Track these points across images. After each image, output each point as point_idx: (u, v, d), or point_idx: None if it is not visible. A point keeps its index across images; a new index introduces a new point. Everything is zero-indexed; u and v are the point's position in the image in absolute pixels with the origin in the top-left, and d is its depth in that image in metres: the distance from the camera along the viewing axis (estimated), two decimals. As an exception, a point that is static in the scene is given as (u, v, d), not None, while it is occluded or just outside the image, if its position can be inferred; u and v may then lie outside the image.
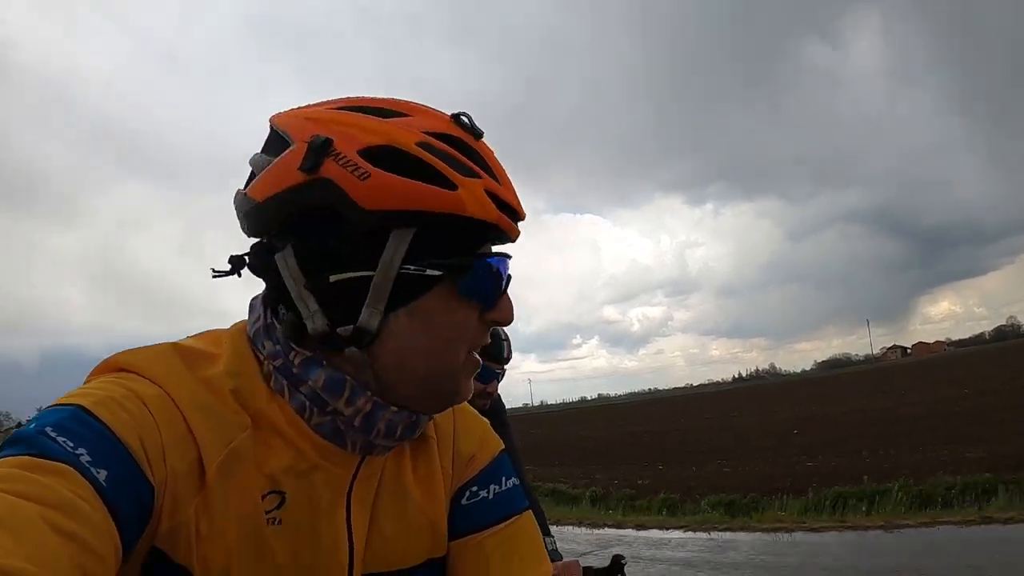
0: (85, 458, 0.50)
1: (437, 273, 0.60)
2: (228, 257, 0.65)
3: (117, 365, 0.61)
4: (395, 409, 0.64)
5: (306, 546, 0.63)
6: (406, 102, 0.65)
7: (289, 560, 0.62)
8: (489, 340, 0.69)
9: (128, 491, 0.51)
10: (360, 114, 0.62)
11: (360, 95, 0.65)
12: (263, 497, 0.61)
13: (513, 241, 0.67)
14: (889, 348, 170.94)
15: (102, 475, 0.50)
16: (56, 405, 0.54)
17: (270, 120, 0.64)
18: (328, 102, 0.64)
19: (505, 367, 2.24)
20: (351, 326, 0.60)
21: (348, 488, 0.66)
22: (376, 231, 0.59)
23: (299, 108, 0.64)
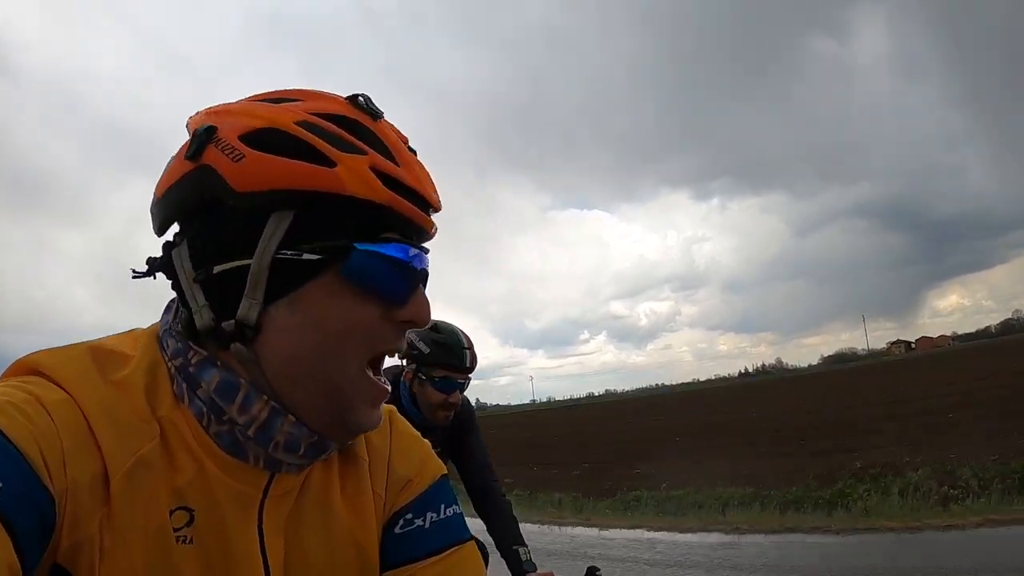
0: None
1: (314, 257, 0.56)
2: (146, 258, 0.62)
3: (28, 366, 0.57)
4: (293, 420, 0.59)
5: (218, 569, 0.58)
6: (310, 91, 0.62)
7: None
8: (403, 345, 0.63)
9: (26, 504, 0.48)
10: (253, 102, 0.61)
11: (276, 90, 0.63)
12: (172, 512, 0.56)
13: (428, 233, 0.62)
14: (893, 343, 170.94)
15: None
16: None
17: (186, 122, 0.63)
18: (243, 99, 0.63)
19: (470, 376, 2.19)
20: (233, 320, 0.57)
21: (258, 508, 0.61)
22: (255, 216, 0.56)
23: (213, 106, 0.63)
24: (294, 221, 0.56)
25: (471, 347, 2.19)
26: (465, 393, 2.27)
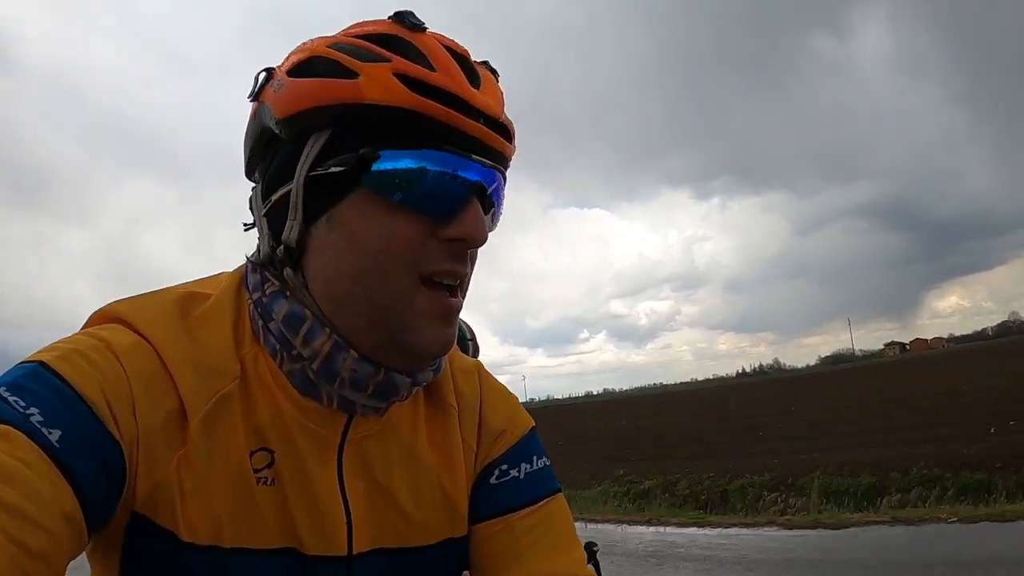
0: (36, 418, 0.46)
1: (339, 169, 0.55)
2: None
3: (107, 314, 0.58)
4: (356, 356, 0.58)
5: (300, 511, 0.58)
6: (366, 20, 0.61)
7: (283, 524, 0.57)
8: (456, 267, 0.58)
9: (87, 451, 0.48)
10: (311, 40, 0.61)
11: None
12: (252, 454, 0.56)
13: (481, 140, 0.57)
14: (887, 344, 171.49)
15: (54, 435, 0.46)
16: (21, 362, 0.51)
17: None
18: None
19: None
20: (282, 245, 0.58)
21: (337, 451, 0.61)
22: (297, 140, 0.57)
23: None
24: (328, 139, 0.56)
25: (474, 338, 2.13)
26: None
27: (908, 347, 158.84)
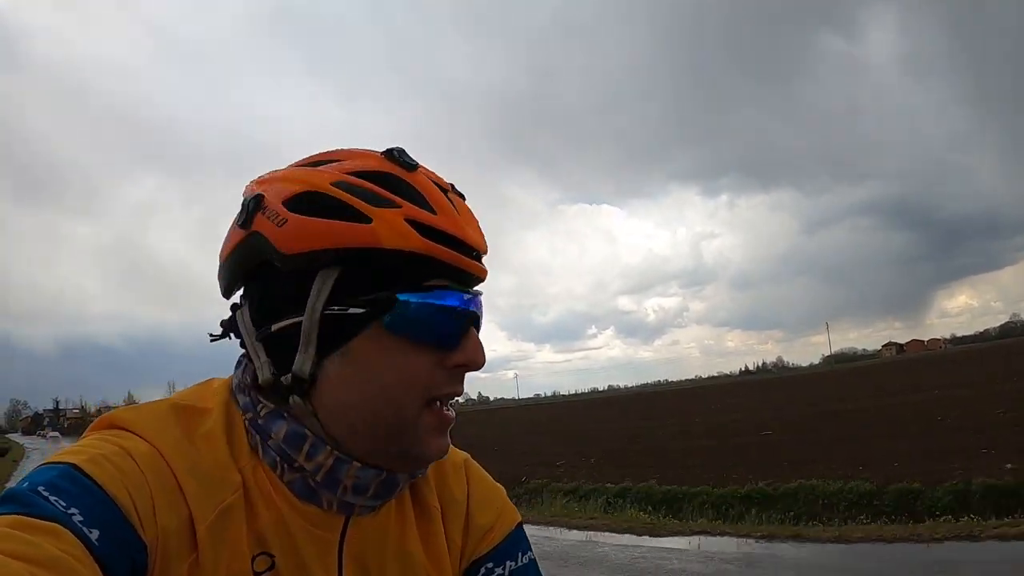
0: (77, 518, 0.49)
1: (359, 311, 0.59)
2: (220, 321, 0.67)
3: (112, 422, 0.61)
4: (359, 465, 0.62)
5: None
6: (351, 150, 0.65)
7: None
8: (460, 389, 0.64)
9: (121, 550, 0.51)
10: (295, 168, 0.64)
11: (323, 151, 0.66)
12: (255, 558, 0.60)
13: (478, 276, 0.64)
14: (885, 345, 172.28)
15: (94, 534, 0.49)
16: (48, 463, 0.54)
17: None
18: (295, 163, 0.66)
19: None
20: (290, 374, 0.61)
21: (337, 551, 0.64)
22: (302, 275, 0.59)
23: (262, 175, 0.66)
24: (339, 277, 0.59)
25: None
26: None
27: (905, 348, 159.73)
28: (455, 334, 0.62)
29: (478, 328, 0.65)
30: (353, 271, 0.59)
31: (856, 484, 9.41)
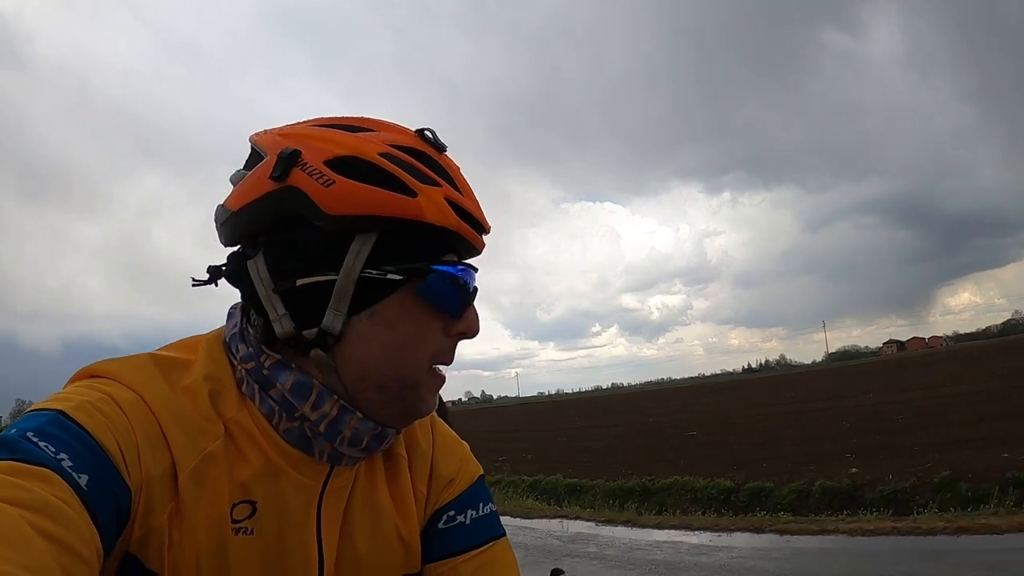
0: (67, 463, 0.50)
1: (397, 277, 0.63)
2: (207, 267, 0.68)
3: (94, 372, 0.62)
4: (360, 416, 0.65)
5: (276, 557, 0.64)
6: (375, 119, 0.69)
7: (259, 571, 0.63)
8: (453, 355, 0.69)
9: (107, 495, 0.52)
10: (329, 129, 0.66)
11: (339, 115, 0.69)
12: (235, 506, 0.62)
13: (478, 252, 0.69)
14: (886, 343, 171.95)
15: (83, 479, 0.50)
16: (35, 410, 0.55)
17: (249, 139, 0.68)
18: (304, 121, 0.68)
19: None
20: (316, 328, 0.62)
21: (319, 498, 0.67)
22: (340, 236, 0.62)
23: (277, 127, 0.68)
24: (377, 242, 0.62)
25: None
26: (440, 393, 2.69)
27: (906, 346, 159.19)
28: (463, 304, 0.67)
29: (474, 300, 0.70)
30: (390, 239, 0.63)
31: (719, 482, 10.20)
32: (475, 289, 0.69)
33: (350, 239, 0.62)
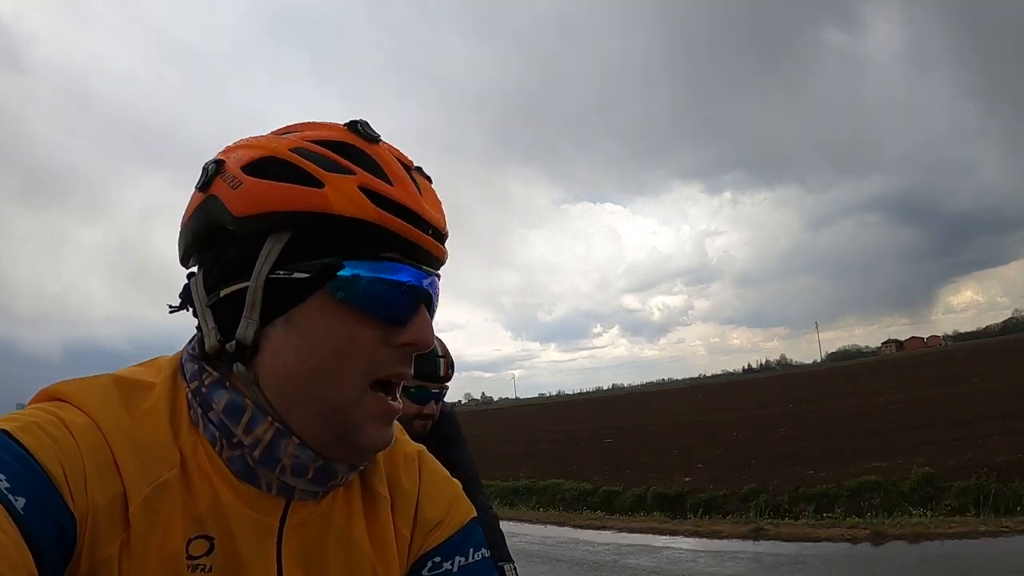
0: (3, 484, 0.48)
1: (303, 275, 0.57)
2: (179, 292, 0.66)
3: (53, 394, 0.59)
4: (296, 442, 0.60)
5: None
6: (315, 122, 0.64)
7: None
8: (406, 371, 0.63)
9: (47, 520, 0.49)
10: (264, 135, 0.63)
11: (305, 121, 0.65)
12: (190, 541, 0.58)
13: (430, 252, 0.62)
14: (884, 343, 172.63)
15: (20, 502, 0.48)
16: None
17: None
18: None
19: (446, 385, 2.07)
20: (234, 340, 0.59)
21: (276, 537, 0.62)
22: (254, 239, 0.58)
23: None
24: (289, 242, 0.58)
25: (447, 355, 2.08)
26: (444, 397, 2.12)
27: (905, 345, 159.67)
28: (404, 311, 0.61)
29: (432, 310, 0.64)
30: (303, 237, 0.58)
31: (581, 485, 11.96)
32: (425, 293, 0.62)
33: (263, 241, 0.59)
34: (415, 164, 0.66)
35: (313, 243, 0.58)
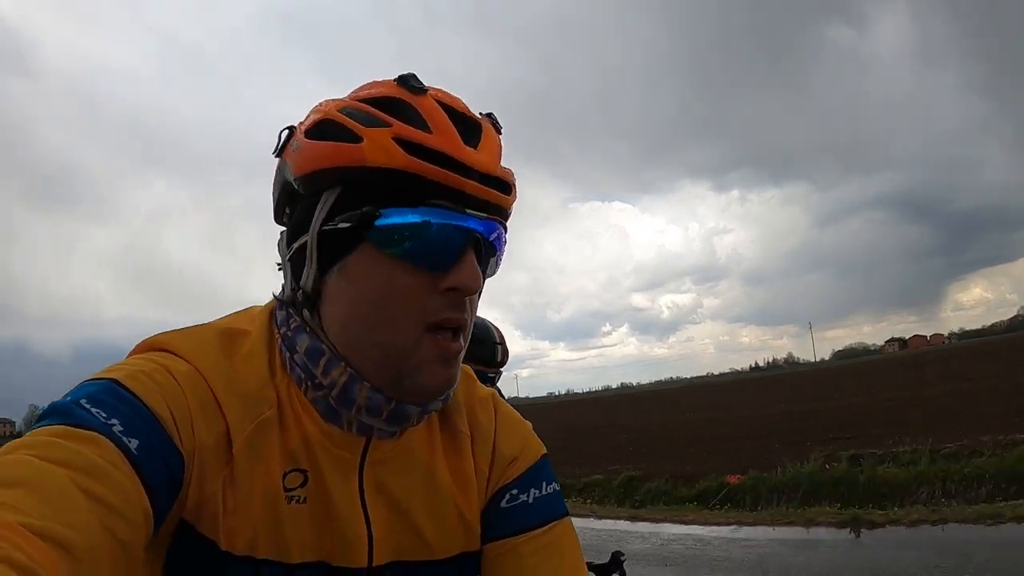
0: (117, 428, 0.51)
1: (345, 225, 0.61)
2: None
3: (154, 344, 0.64)
4: (369, 386, 0.63)
5: (326, 526, 0.64)
6: (375, 81, 0.66)
7: (312, 538, 0.64)
8: (457, 315, 0.64)
9: (159, 460, 0.53)
10: (326, 100, 0.66)
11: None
12: (286, 474, 0.63)
13: (475, 196, 0.62)
14: (888, 341, 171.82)
15: (133, 444, 0.51)
16: (90, 380, 0.57)
17: None
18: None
19: (501, 370, 2.14)
20: (300, 289, 0.65)
21: (358, 471, 0.67)
22: (312, 196, 0.63)
23: None
24: (339, 196, 0.62)
25: (503, 342, 2.14)
26: (498, 382, 2.17)
27: (908, 344, 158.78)
28: (444, 255, 0.62)
29: (488, 257, 0.65)
30: (351, 190, 0.61)
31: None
32: (472, 236, 0.63)
33: (320, 197, 0.63)
34: (484, 112, 0.68)
35: (358, 195, 0.61)
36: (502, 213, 0.66)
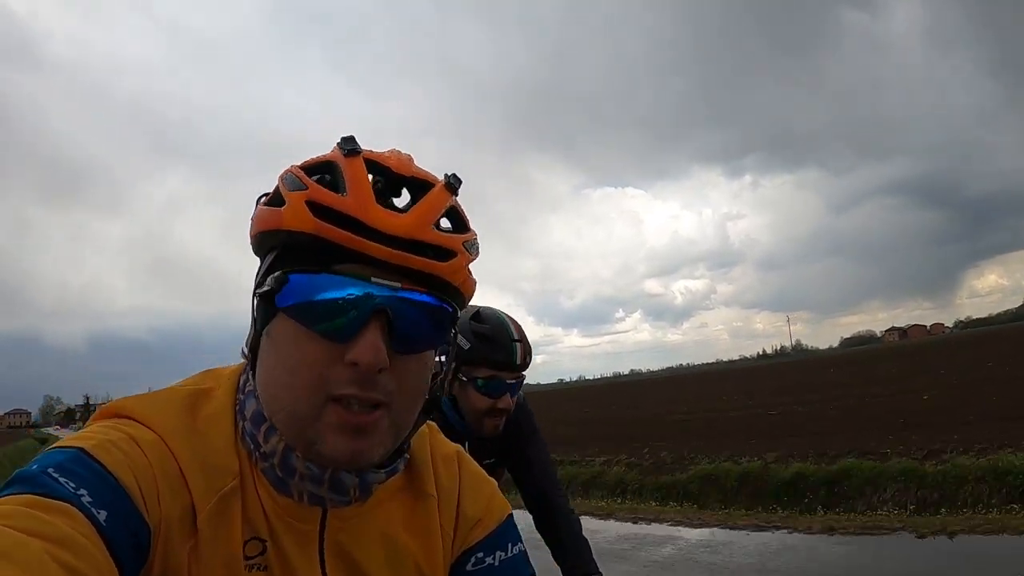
0: (86, 498, 0.51)
1: (263, 290, 0.61)
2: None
3: (119, 411, 0.63)
4: (299, 455, 0.62)
5: None
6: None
7: None
8: (360, 392, 0.60)
9: (126, 531, 0.53)
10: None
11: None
12: (246, 542, 0.62)
13: (390, 262, 0.60)
14: (887, 331, 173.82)
15: (102, 515, 0.51)
16: (57, 447, 0.56)
17: None
18: None
19: (523, 375, 1.76)
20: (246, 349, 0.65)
21: (319, 541, 0.66)
22: (261, 258, 0.65)
23: None
24: (273, 259, 0.63)
25: (523, 339, 1.74)
26: (520, 388, 1.80)
27: (908, 333, 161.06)
28: (347, 326, 0.59)
29: (400, 325, 0.61)
30: (278, 254, 0.62)
31: None
32: (375, 307, 0.59)
33: (263, 260, 0.65)
34: (446, 173, 0.66)
35: (282, 259, 0.62)
36: (431, 282, 0.63)
